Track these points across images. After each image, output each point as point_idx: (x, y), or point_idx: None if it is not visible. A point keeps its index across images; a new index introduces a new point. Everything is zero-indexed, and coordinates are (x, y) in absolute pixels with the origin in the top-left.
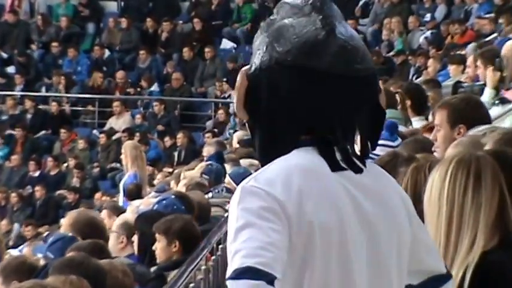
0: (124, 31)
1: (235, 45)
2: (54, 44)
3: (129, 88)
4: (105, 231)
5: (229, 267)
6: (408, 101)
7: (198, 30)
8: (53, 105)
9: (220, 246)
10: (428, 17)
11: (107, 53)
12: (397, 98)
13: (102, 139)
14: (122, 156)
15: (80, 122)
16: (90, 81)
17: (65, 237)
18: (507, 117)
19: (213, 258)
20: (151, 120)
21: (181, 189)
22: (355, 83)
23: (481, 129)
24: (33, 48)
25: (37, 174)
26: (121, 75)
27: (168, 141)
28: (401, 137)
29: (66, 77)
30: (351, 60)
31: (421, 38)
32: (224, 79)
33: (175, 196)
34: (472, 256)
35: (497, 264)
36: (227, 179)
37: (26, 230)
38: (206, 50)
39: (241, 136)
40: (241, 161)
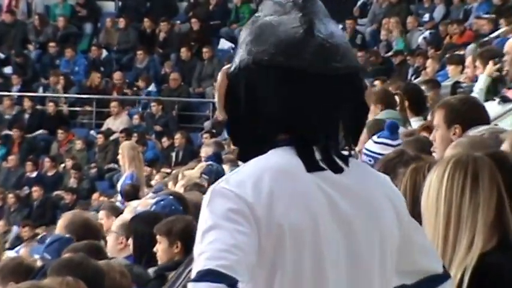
0: (121, 31)
1: (233, 46)
2: (52, 44)
3: (127, 88)
4: (100, 232)
5: (193, 269)
6: (407, 101)
7: (196, 31)
8: (49, 106)
9: None
10: (426, 17)
11: (105, 53)
12: (396, 99)
13: (99, 139)
14: (119, 156)
15: (78, 122)
16: (88, 81)
17: (62, 239)
18: (508, 116)
19: None
20: (149, 120)
21: (179, 190)
22: (334, 82)
23: (480, 130)
24: (30, 48)
25: (34, 174)
26: (118, 76)
27: (165, 141)
28: None
29: (65, 77)
30: (329, 58)
31: (419, 38)
32: None
33: (173, 197)
34: (470, 258)
35: (496, 265)
36: None
37: (23, 230)
38: (204, 50)
39: None
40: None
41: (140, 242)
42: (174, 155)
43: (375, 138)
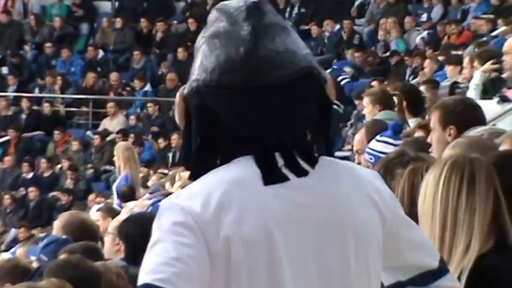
0: (118, 31)
1: None
2: (48, 45)
3: (123, 89)
4: (97, 233)
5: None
6: (405, 102)
7: (193, 31)
8: (45, 106)
9: None
10: (424, 17)
11: (101, 53)
12: (395, 99)
13: (96, 140)
14: (115, 158)
15: (74, 123)
16: (84, 82)
17: (58, 240)
18: (507, 116)
19: None
20: (145, 121)
21: (177, 191)
22: (286, 88)
23: (479, 130)
24: (26, 48)
25: (30, 175)
26: (115, 76)
27: (162, 142)
28: None
29: (63, 77)
30: (274, 69)
31: (417, 38)
32: None
33: None
34: (467, 260)
35: (492, 268)
36: None
37: (19, 232)
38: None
39: None
40: None
41: (133, 243)
42: (170, 155)
43: (377, 137)
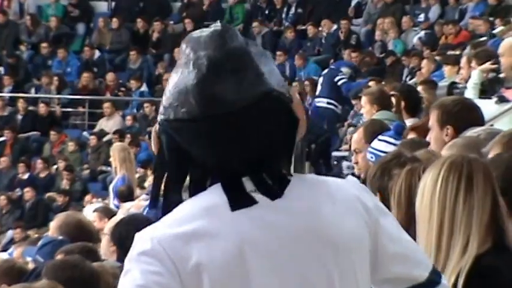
0: (114, 31)
1: None
2: (44, 45)
3: (120, 89)
4: (94, 234)
5: None
6: (403, 102)
7: (190, 31)
8: (41, 107)
9: None
10: (422, 17)
11: (97, 53)
12: (392, 100)
13: (92, 141)
14: (111, 158)
15: (70, 123)
16: (80, 82)
17: (54, 241)
18: (505, 116)
19: None
20: (142, 121)
21: None
22: (239, 117)
23: (477, 131)
24: (22, 49)
25: (26, 176)
26: (111, 76)
27: None
28: None
29: (59, 78)
30: (226, 98)
31: (414, 38)
32: None
33: None
34: (465, 260)
35: (491, 268)
36: None
37: (15, 232)
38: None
39: None
40: None
41: (125, 245)
42: None
43: (380, 136)
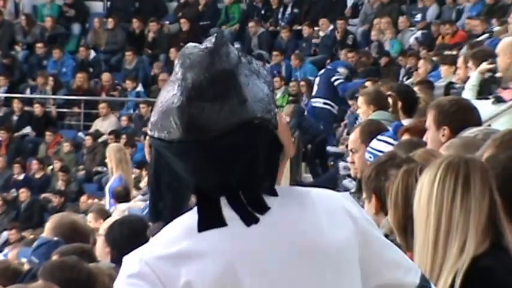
0: (110, 32)
1: None
2: (39, 45)
3: (115, 90)
4: (89, 235)
5: None
6: (399, 102)
7: (186, 31)
8: (35, 107)
9: None
10: (419, 17)
11: (93, 54)
12: (389, 100)
13: (87, 141)
14: (107, 159)
15: (65, 124)
16: (76, 82)
17: (49, 242)
18: (501, 117)
19: None
20: (137, 122)
21: None
22: (219, 144)
23: (473, 131)
24: (17, 49)
25: (22, 177)
26: (107, 77)
27: None
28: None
29: (54, 78)
30: (205, 124)
31: (411, 38)
32: None
33: None
34: (462, 261)
35: (488, 269)
36: None
37: (10, 233)
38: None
39: None
40: None
41: (118, 246)
42: None
43: (379, 136)
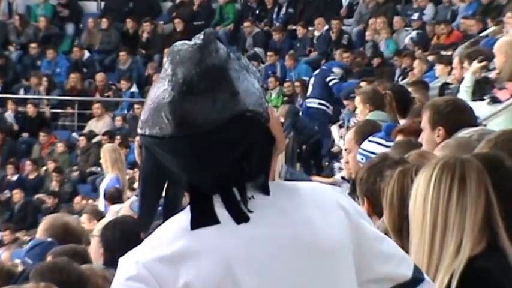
0: (104, 32)
1: None
2: (33, 45)
3: (109, 90)
4: (82, 236)
5: None
6: (395, 102)
7: (180, 31)
8: (28, 108)
9: None
10: (416, 17)
11: (87, 54)
12: (386, 100)
13: (81, 142)
14: (102, 160)
15: (59, 124)
16: (69, 83)
17: (43, 243)
18: (497, 117)
19: None
20: (132, 122)
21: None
22: (211, 138)
23: (468, 132)
24: (11, 49)
25: (15, 178)
26: (101, 77)
27: None
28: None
29: (48, 78)
30: (197, 119)
31: (406, 38)
32: None
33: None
34: (458, 262)
35: (484, 270)
36: None
37: (4, 234)
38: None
39: None
40: None
41: (111, 247)
42: None
43: (370, 137)
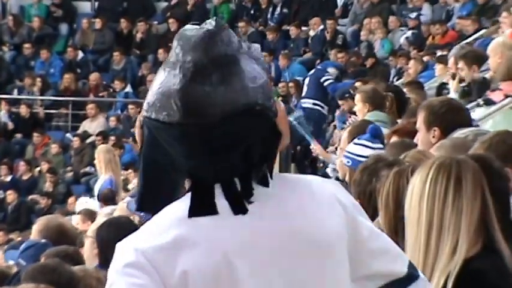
0: (98, 32)
1: None
2: (27, 46)
3: (103, 90)
4: (76, 238)
5: None
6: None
7: (174, 31)
8: (21, 108)
9: None
10: (414, 15)
11: (81, 54)
12: (387, 100)
13: (75, 142)
14: (96, 161)
15: (53, 125)
16: (63, 83)
17: (37, 244)
18: (490, 118)
19: None
20: (126, 123)
21: None
22: (218, 127)
23: (464, 132)
24: (4, 49)
25: (9, 178)
26: (95, 77)
27: None
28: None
29: (42, 79)
30: (206, 107)
31: (401, 38)
32: None
33: None
34: (453, 263)
35: (480, 272)
36: None
37: None
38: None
39: None
40: None
41: (106, 247)
42: None
43: (355, 140)
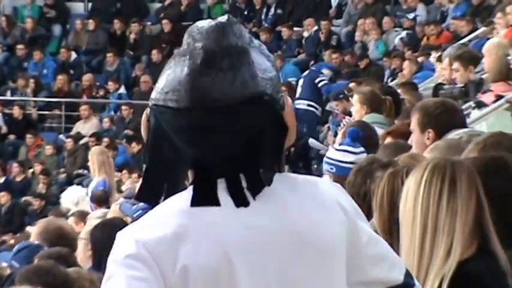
0: (91, 33)
1: None
2: (20, 47)
3: (97, 92)
4: (75, 241)
5: None
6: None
7: (167, 32)
8: (14, 110)
9: None
10: (411, 16)
11: (74, 55)
12: (387, 103)
13: (68, 144)
14: (89, 162)
15: (46, 126)
16: (56, 84)
17: (30, 246)
18: (484, 121)
19: None
20: (119, 124)
21: None
22: (225, 115)
23: (458, 133)
24: None
25: (2, 180)
26: (88, 78)
27: (136, 146)
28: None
29: (35, 80)
30: (214, 93)
31: (396, 39)
32: None
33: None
34: (448, 265)
35: (475, 274)
36: None
37: None
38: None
39: None
40: None
41: (99, 249)
42: None
43: (336, 146)
